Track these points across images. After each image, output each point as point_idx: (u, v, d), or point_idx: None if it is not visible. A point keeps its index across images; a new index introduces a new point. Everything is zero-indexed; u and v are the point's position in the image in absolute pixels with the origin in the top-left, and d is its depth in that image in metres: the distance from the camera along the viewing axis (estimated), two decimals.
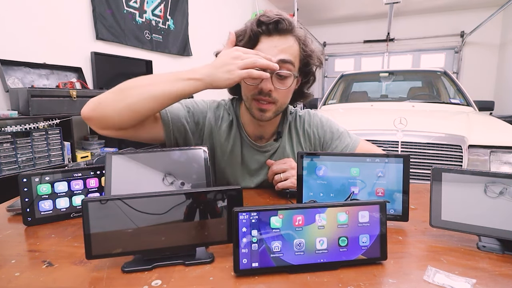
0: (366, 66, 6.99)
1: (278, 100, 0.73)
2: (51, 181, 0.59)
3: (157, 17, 3.04)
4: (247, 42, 0.70)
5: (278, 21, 0.68)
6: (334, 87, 3.13)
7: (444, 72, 2.94)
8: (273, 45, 0.69)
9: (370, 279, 0.40)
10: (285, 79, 0.72)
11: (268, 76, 0.63)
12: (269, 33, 0.70)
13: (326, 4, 5.84)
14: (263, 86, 0.69)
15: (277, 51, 0.69)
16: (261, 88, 0.70)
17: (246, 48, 0.68)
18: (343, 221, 0.43)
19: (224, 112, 0.84)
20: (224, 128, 0.82)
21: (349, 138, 0.87)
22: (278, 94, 0.72)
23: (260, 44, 0.70)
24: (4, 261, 0.44)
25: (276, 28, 0.69)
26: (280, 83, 0.71)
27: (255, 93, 0.72)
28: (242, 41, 0.71)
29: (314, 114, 0.91)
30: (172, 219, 0.43)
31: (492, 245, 0.48)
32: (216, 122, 0.82)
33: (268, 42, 0.70)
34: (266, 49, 0.69)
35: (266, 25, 0.69)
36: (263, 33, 0.70)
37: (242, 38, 0.71)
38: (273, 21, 0.68)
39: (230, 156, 0.82)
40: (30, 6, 1.91)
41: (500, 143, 1.52)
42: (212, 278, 0.40)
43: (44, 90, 1.73)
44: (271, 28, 0.69)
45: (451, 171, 0.49)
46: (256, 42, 0.70)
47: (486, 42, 5.88)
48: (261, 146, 0.83)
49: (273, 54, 0.68)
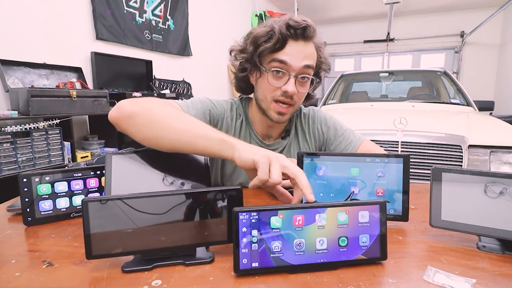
0: (366, 66, 6.99)
1: (296, 102, 0.76)
2: (51, 181, 0.59)
3: (157, 17, 3.04)
4: (274, 44, 0.72)
5: (306, 27, 0.71)
6: (334, 87, 3.13)
7: (444, 72, 2.94)
8: (299, 50, 0.72)
9: (370, 279, 0.40)
10: (305, 83, 0.75)
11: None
12: (296, 38, 0.72)
13: (326, 4, 5.84)
14: (289, 88, 0.72)
15: (303, 56, 0.72)
16: (286, 90, 0.72)
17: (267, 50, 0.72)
18: (343, 221, 0.43)
19: (236, 112, 0.85)
20: (237, 127, 0.84)
21: (352, 136, 0.88)
22: (297, 96, 0.75)
23: (287, 47, 0.72)
24: (4, 261, 0.44)
25: (303, 34, 0.72)
26: (301, 87, 0.75)
27: (276, 95, 0.74)
28: (269, 42, 0.72)
29: (318, 110, 0.93)
30: (172, 219, 0.43)
31: (492, 245, 0.48)
32: (231, 123, 0.83)
33: (295, 46, 0.72)
34: (292, 53, 0.72)
35: (294, 30, 0.71)
36: (290, 37, 0.72)
37: (268, 39, 0.73)
38: (301, 27, 0.71)
39: None
40: (30, 6, 1.91)
41: (500, 143, 1.52)
42: (212, 278, 0.40)
43: (44, 90, 1.73)
44: (298, 33, 0.71)
45: (451, 171, 0.49)
46: (284, 44, 0.72)
47: (486, 42, 5.88)
48: (270, 145, 0.85)
49: (299, 59, 0.72)
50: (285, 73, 0.72)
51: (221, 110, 0.83)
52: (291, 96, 0.73)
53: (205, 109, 0.79)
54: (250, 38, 0.76)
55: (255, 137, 0.84)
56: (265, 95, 0.76)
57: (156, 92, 2.85)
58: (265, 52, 0.74)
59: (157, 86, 3.04)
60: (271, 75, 0.74)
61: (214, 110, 0.81)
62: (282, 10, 5.79)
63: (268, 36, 0.72)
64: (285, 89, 0.72)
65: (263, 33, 0.73)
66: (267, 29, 0.73)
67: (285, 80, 0.73)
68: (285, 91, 0.72)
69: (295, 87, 0.72)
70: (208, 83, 3.87)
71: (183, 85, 3.43)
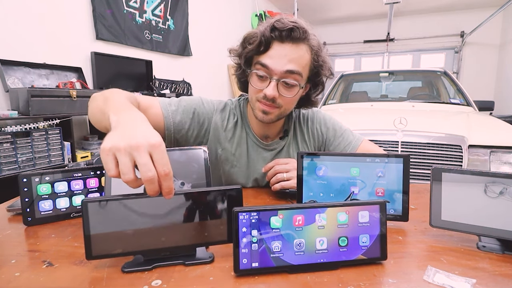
0: (366, 66, 6.99)
1: (282, 106, 0.74)
2: (51, 181, 0.59)
3: (157, 17, 3.04)
4: (256, 46, 0.70)
5: (292, 29, 0.68)
6: (334, 87, 3.13)
7: (444, 72, 2.94)
8: (283, 53, 0.69)
9: (370, 279, 0.40)
10: (291, 88, 0.72)
11: None
12: (282, 40, 0.69)
13: (326, 4, 5.84)
14: (267, 92, 0.70)
15: (286, 61, 0.69)
16: (265, 93, 0.71)
17: (251, 52, 0.71)
18: (343, 221, 0.43)
19: (230, 113, 0.84)
20: (230, 128, 0.83)
21: (352, 136, 0.88)
22: (282, 100, 0.73)
23: (271, 50, 0.70)
24: (4, 261, 0.44)
25: (289, 36, 0.68)
26: (286, 91, 0.72)
27: (259, 96, 0.73)
28: (252, 44, 0.71)
29: (318, 111, 0.92)
30: (172, 219, 0.43)
31: (492, 245, 0.48)
32: (222, 124, 0.82)
33: (279, 49, 0.70)
34: (275, 57, 0.70)
35: (279, 32, 0.68)
36: (275, 39, 0.69)
37: (253, 41, 0.71)
38: (286, 29, 0.68)
39: (236, 156, 0.82)
40: (30, 6, 1.91)
41: (500, 143, 1.52)
42: (212, 278, 0.40)
43: (44, 90, 1.73)
44: (284, 35, 0.68)
45: (451, 171, 0.49)
46: (267, 47, 0.70)
47: (486, 42, 5.88)
48: (268, 145, 0.84)
49: (282, 63, 0.69)
50: (267, 77, 0.71)
51: (209, 110, 0.81)
52: (273, 99, 0.71)
53: (190, 107, 0.78)
54: (242, 39, 0.76)
55: (253, 137, 0.84)
56: (251, 95, 0.77)
57: (156, 92, 2.85)
58: (250, 54, 0.73)
59: (157, 86, 3.04)
60: (254, 77, 0.73)
61: (200, 109, 0.80)
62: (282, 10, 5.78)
63: (255, 38, 0.71)
64: (264, 92, 0.71)
65: (251, 35, 0.72)
66: (255, 30, 0.72)
67: (267, 83, 0.71)
68: (265, 94, 0.71)
69: (277, 91, 0.70)
70: (208, 83, 3.87)
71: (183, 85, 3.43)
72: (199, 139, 0.81)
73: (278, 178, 0.72)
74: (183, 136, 0.78)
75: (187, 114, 0.78)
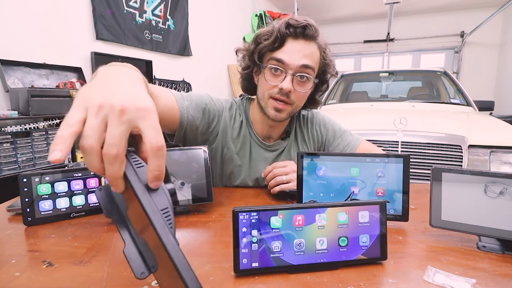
0: (366, 66, 6.99)
1: (294, 102, 0.76)
2: (51, 181, 0.59)
3: (157, 17, 3.04)
4: (272, 42, 0.73)
5: (306, 26, 0.71)
6: (334, 87, 3.13)
7: (444, 72, 2.94)
8: (298, 49, 0.72)
9: (370, 279, 0.40)
10: (304, 83, 0.75)
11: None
12: (296, 36, 0.72)
13: (326, 4, 5.84)
14: (284, 85, 0.72)
15: (301, 56, 0.72)
16: (281, 87, 0.72)
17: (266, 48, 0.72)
18: (343, 221, 0.43)
19: (236, 112, 0.85)
20: (236, 127, 0.83)
21: (350, 137, 0.89)
22: (295, 96, 0.75)
23: (286, 46, 0.73)
24: (4, 261, 0.44)
25: (303, 33, 0.72)
26: (299, 86, 0.74)
27: (273, 92, 0.74)
28: (268, 40, 0.73)
29: (317, 113, 0.93)
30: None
31: (492, 245, 0.48)
32: (230, 122, 0.83)
33: (294, 45, 0.73)
34: (291, 52, 0.72)
35: (294, 28, 0.71)
36: (290, 35, 0.72)
37: (268, 37, 0.74)
38: (301, 26, 0.71)
39: (239, 155, 0.83)
40: (30, 6, 1.91)
41: (500, 143, 1.52)
42: (212, 278, 0.40)
43: (44, 90, 1.73)
44: (298, 32, 0.72)
45: (451, 171, 0.49)
46: (282, 43, 0.73)
47: (486, 42, 5.88)
48: (270, 145, 0.85)
49: (297, 58, 0.72)
50: (282, 71, 0.73)
51: (219, 107, 0.82)
52: (287, 94, 0.73)
53: (201, 103, 0.78)
54: (253, 37, 0.78)
55: (255, 137, 0.84)
56: (263, 92, 0.77)
57: None
58: (264, 50, 0.75)
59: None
60: (268, 72, 0.75)
61: (211, 106, 0.80)
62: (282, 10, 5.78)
63: (269, 34, 0.74)
64: (281, 86, 0.72)
65: (265, 32, 0.75)
66: (269, 28, 0.75)
67: (282, 78, 0.73)
68: (281, 88, 0.72)
69: (292, 85, 0.72)
70: (208, 83, 3.87)
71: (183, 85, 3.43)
72: (206, 136, 0.81)
73: (278, 181, 0.72)
74: (193, 132, 0.77)
75: (199, 110, 0.77)
